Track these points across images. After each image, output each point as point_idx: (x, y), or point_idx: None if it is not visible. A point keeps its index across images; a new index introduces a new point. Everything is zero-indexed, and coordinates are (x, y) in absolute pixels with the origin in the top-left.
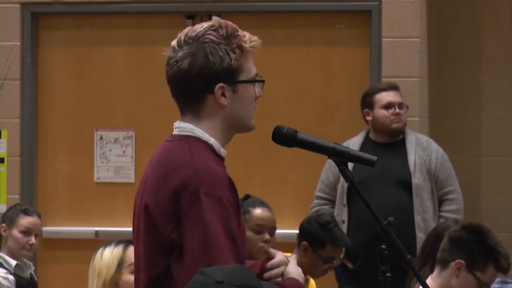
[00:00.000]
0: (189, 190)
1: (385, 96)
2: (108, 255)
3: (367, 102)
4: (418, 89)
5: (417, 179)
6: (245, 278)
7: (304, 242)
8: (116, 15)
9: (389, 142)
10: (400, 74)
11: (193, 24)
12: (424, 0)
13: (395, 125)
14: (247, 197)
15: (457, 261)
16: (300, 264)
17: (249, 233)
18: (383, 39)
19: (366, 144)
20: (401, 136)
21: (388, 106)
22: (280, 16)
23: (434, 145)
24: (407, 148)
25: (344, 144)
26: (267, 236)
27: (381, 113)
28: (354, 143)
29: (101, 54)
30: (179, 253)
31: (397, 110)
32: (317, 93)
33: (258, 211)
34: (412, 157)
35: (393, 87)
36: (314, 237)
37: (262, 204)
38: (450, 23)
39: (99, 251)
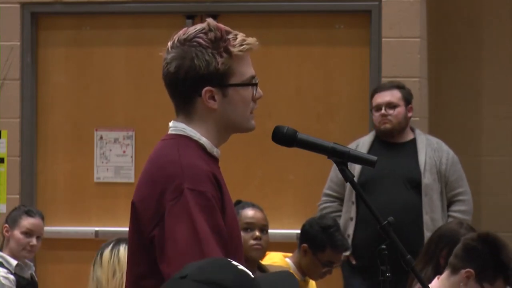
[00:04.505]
0: (173, 186)
1: (376, 99)
2: None
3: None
4: (418, 89)
5: (427, 179)
6: (211, 273)
7: (304, 244)
8: (116, 15)
9: (399, 142)
10: (400, 74)
11: (193, 24)
12: (424, 0)
13: (382, 127)
14: (238, 202)
15: (467, 269)
16: (299, 265)
17: None
18: (383, 39)
19: (376, 143)
20: (412, 137)
21: (377, 108)
22: (280, 16)
23: (444, 147)
24: (417, 148)
25: (353, 143)
26: (257, 233)
27: (373, 115)
28: (364, 143)
29: (101, 54)
30: (161, 251)
31: (384, 111)
32: (317, 93)
33: (246, 211)
34: (423, 157)
35: (386, 88)
36: (315, 240)
37: (252, 205)
38: (450, 23)
39: (120, 250)
